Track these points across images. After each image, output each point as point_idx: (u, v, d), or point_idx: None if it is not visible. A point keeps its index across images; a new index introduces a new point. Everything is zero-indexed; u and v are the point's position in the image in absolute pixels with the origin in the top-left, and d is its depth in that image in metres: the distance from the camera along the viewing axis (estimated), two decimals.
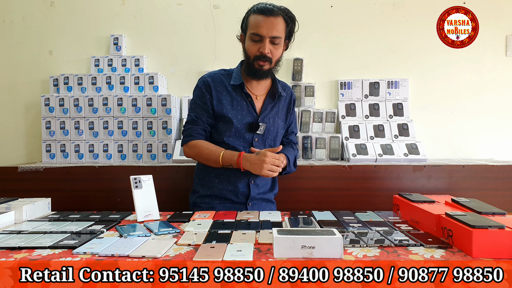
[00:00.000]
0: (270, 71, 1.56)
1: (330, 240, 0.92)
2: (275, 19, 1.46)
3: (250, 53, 1.52)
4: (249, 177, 1.59)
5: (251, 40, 1.50)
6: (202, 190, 1.62)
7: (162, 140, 2.33)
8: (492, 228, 0.92)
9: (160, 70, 2.60)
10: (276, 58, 1.53)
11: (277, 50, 1.51)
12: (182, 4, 2.60)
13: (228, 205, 1.59)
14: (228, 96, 1.59)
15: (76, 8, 2.62)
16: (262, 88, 1.65)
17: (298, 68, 2.53)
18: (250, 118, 1.59)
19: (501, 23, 2.49)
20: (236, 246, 0.99)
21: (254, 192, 1.60)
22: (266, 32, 1.46)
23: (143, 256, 0.92)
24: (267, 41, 1.47)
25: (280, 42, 1.51)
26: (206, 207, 1.59)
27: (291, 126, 1.76)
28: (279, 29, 1.47)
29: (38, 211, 1.40)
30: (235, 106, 1.58)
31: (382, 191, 2.03)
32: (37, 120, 2.58)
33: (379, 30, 2.55)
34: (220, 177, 1.59)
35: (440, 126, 2.53)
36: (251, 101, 1.60)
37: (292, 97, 1.74)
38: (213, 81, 1.60)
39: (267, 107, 1.62)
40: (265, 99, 1.63)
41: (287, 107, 1.71)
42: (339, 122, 2.49)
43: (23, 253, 0.96)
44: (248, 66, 1.56)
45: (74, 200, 2.08)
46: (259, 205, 1.62)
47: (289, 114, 1.72)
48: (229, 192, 1.59)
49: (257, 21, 1.47)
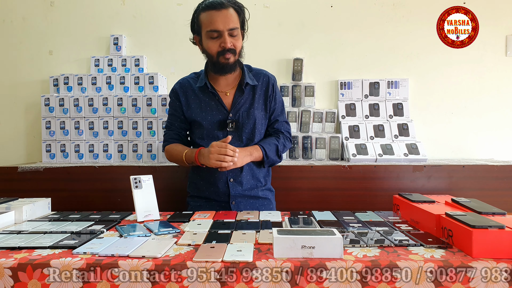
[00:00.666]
0: (236, 63, 1.52)
1: (330, 240, 0.92)
2: (227, 11, 1.44)
3: (212, 51, 1.48)
4: (227, 176, 1.57)
5: (209, 38, 1.47)
6: (191, 191, 1.68)
7: (162, 140, 2.32)
8: (492, 228, 0.92)
9: (160, 70, 2.60)
10: (239, 49, 1.51)
11: (237, 41, 1.48)
12: (182, 4, 2.60)
13: (214, 204, 1.60)
14: (196, 99, 1.60)
15: (76, 8, 2.62)
16: (230, 83, 1.60)
17: (298, 68, 2.53)
18: (220, 116, 1.57)
19: (501, 23, 2.49)
20: (236, 246, 0.99)
21: (235, 191, 1.57)
22: (223, 26, 1.43)
23: (143, 256, 0.92)
24: (226, 34, 1.44)
25: (238, 33, 1.48)
26: (195, 205, 1.63)
27: (274, 114, 1.65)
28: (234, 20, 1.46)
29: (38, 211, 1.40)
30: (204, 107, 1.58)
31: (382, 191, 2.03)
32: (37, 120, 2.58)
33: (379, 30, 2.55)
34: (204, 178, 1.61)
35: (440, 126, 2.53)
36: (219, 99, 1.58)
37: (270, 83, 1.63)
38: (180, 88, 1.63)
39: (238, 101, 1.58)
40: (235, 93, 1.59)
41: (264, 95, 1.62)
42: (339, 122, 2.49)
43: (23, 253, 0.96)
44: (214, 65, 1.52)
45: (74, 200, 2.08)
46: (245, 203, 1.60)
47: (267, 102, 1.62)
48: (212, 193, 1.60)
49: (210, 18, 1.44)
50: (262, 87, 1.62)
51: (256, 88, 1.61)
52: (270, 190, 1.71)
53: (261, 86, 1.62)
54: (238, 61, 1.55)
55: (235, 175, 1.58)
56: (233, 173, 1.58)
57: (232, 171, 1.57)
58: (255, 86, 1.61)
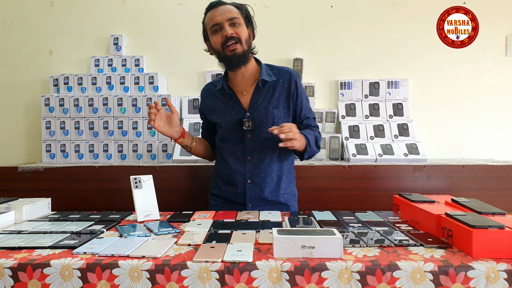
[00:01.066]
0: (245, 54, 1.49)
1: (330, 240, 0.92)
2: (225, 6, 1.50)
3: (217, 45, 1.49)
4: (245, 177, 1.55)
5: (213, 34, 1.50)
6: (212, 190, 1.69)
7: (162, 140, 2.33)
8: (492, 228, 0.92)
9: (160, 70, 2.60)
10: (244, 37, 1.49)
11: (240, 30, 1.48)
12: (182, 4, 2.60)
13: (230, 205, 1.59)
14: (217, 102, 1.62)
15: (76, 8, 2.62)
16: (248, 82, 1.58)
17: (298, 68, 2.53)
18: (238, 116, 1.55)
19: (501, 23, 2.49)
20: (236, 246, 0.99)
21: (252, 193, 1.55)
22: (221, 18, 1.46)
23: (143, 256, 0.92)
24: (226, 24, 1.46)
25: (240, 22, 1.48)
26: (213, 203, 1.65)
27: (303, 112, 1.59)
28: (233, 12, 1.49)
29: (38, 211, 1.40)
30: (223, 109, 1.59)
31: (382, 191, 2.03)
32: (37, 120, 2.58)
33: (379, 30, 2.54)
34: (223, 178, 1.61)
35: (440, 126, 2.53)
36: (236, 99, 1.57)
37: (292, 80, 1.57)
38: (203, 93, 1.70)
39: (255, 99, 1.55)
40: (253, 91, 1.57)
41: (286, 93, 1.56)
42: (339, 122, 2.49)
43: (23, 253, 0.96)
44: (223, 60, 1.53)
45: (74, 200, 2.08)
46: (262, 207, 1.54)
47: (290, 100, 1.57)
48: (229, 193, 1.59)
49: (210, 15, 1.50)
50: (284, 84, 1.57)
51: (277, 86, 1.56)
52: (294, 194, 1.64)
53: (282, 84, 1.57)
54: (250, 53, 1.53)
55: (254, 176, 1.54)
56: (252, 174, 1.54)
57: (251, 172, 1.54)
58: (276, 83, 1.56)
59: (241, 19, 1.49)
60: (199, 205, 2.02)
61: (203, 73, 2.60)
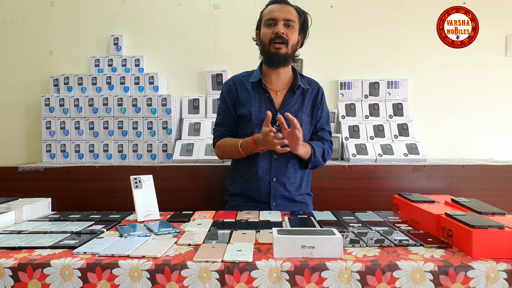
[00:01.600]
0: (287, 56, 1.53)
1: (330, 240, 0.92)
2: (288, 6, 1.54)
3: (265, 39, 1.52)
4: (270, 175, 1.57)
5: (265, 27, 1.53)
6: (231, 189, 1.66)
7: (162, 140, 2.33)
8: (492, 228, 0.93)
9: (160, 70, 2.60)
10: (292, 42, 1.53)
11: (292, 33, 1.52)
12: (182, 4, 2.60)
13: (253, 204, 1.59)
14: (247, 95, 1.61)
15: (76, 8, 2.62)
16: (282, 83, 1.62)
17: (298, 68, 2.53)
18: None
19: (501, 23, 2.49)
20: (236, 246, 0.99)
21: (276, 191, 1.57)
22: (279, 15, 1.50)
23: (143, 256, 0.92)
24: (281, 23, 1.50)
25: (295, 26, 1.53)
26: (233, 203, 1.63)
27: (320, 122, 1.66)
28: (293, 14, 1.53)
29: (38, 211, 1.40)
30: (254, 102, 1.59)
31: (382, 191, 2.03)
32: (37, 120, 2.58)
33: (379, 30, 2.55)
34: (244, 177, 1.60)
35: (440, 126, 2.53)
36: (269, 97, 1.59)
37: (320, 92, 1.66)
38: (233, 84, 1.65)
39: (287, 101, 1.59)
40: (286, 94, 1.61)
41: (312, 102, 1.63)
42: (339, 122, 2.49)
43: (23, 253, 0.96)
44: (265, 54, 1.55)
45: (74, 200, 2.08)
46: (285, 205, 1.58)
47: (315, 109, 1.63)
48: (252, 191, 1.59)
49: (270, 9, 1.53)
50: (312, 94, 1.64)
51: (306, 94, 1.63)
52: (309, 195, 1.69)
53: (311, 93, 1.64)
54: (292, 58, 1.58)
55: (279, 174, 1.57)
56: (277, 173, 1.57)
57: (276, 171, 1.56)
58: (306, 91, 1.63)
59: (296, 24, 1.54)
60: (200, 205, 2.02)
61: (203, 73, 2.60)
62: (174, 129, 2.37)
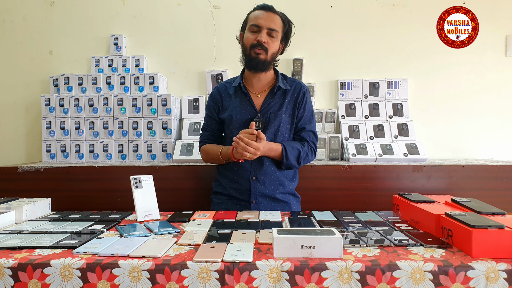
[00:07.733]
0: (266, 63, 1.58)
1: (330, 240, 0.92)
2: (274, 15, 1.58)
3: (247, 43, 1.58)
4: (250, 174, 1.60)
5: (249, 32, 1.58)
6: (215, 188, 1.72)
7: (162, 140, 2.33)
8: (492, 228, 0.93)
9: (160, 70, 2.60)
10: (272, 50, 1.58)
11: (273, 42, 1.58)
12: (182, 4, 2.60)
13: (234, 202, 1.63)
14: (230, 100, 1.69)
15: (76, 8, 2.62)
16: (263, 86, 1.68)
17: (298, 68, 2.53)
18: (249, 115, 1.64)
19: (501, 23, 2.49)
20: (236, 246, 0.99)
21: (256, 189, 1.60)
22: (264, 23, 1.55)
23: (143, 256, 0.92)
24: (264, 31, 1.55)
25: (277, 36, 1.58)
26: (216, 201, 1.68)
27: (301, 121, 1.68)
28: (277, 23, 1.57)
29: (38, 211, 1.40)
30: (235, 106, 1.66)
31: (382, 191, 2.03)
32: (37, 120, 2.58)
33: (379, 30, 2.55)
34: (227, 176, 1.66)
35: (440, 126, 2.53)
36: (249, 99, 1.65)
37: (302, 91, 1.69)
38: (217, 91, 1.74)
39: (268, 102, 1.64)
40: (266, 95, 1.66)
41: (294, 101, 1.67)
42: (339, 122, 2.49)
43: (23, 253, 0.96)
44: (246, 57, 1.61)
45: (74, 200, 2.08)
46: (266, 204, 1.60)
47: (296, 108, 1.66)
48: (234, 190, 1.63)
49: (256, 15, 1.58)
50: (294, 93, 1.68)
51: (287, 93, 1.67)
52: (294, 195, 1.70)
53: (293, 92, 1.68)
54: (271, 65, 1.63)
55: (258, 173, 1.60)
56: (256, 171, 1.60)
57: (256, 169, 1.60)
58: (287, 91, 1.67)
59: (279, 34, 1.59)
60: (200, 205, 2.02)
61: (203, 73, 2.60)
62: (174, 129, 2.37)
